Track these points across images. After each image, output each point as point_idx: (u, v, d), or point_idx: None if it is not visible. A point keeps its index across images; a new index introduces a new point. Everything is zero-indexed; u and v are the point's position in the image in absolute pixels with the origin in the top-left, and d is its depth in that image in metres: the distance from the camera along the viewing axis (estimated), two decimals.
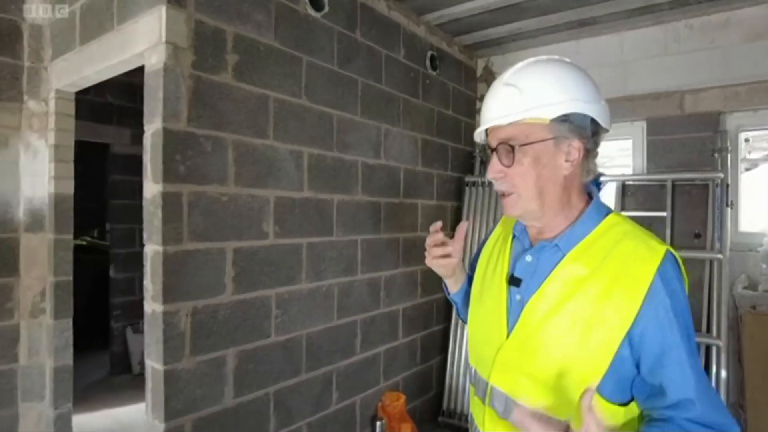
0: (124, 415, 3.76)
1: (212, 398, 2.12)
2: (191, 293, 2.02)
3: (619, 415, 0.91)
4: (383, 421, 2.90)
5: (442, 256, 1.19)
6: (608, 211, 1.01)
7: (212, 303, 2.09)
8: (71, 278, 2.74)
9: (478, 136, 1.06)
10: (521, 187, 0.97)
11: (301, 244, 2.55)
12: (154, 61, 1.97)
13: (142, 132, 2.02)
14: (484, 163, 3.99)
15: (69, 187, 2.74)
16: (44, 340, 2.71)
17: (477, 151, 4.06)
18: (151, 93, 1.98)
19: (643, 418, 0.91)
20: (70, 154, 2.75)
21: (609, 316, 0.88)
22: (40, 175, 2.71)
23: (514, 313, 1.00)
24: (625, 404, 0.91)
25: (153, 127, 1.96)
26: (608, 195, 3.39)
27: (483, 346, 1.06)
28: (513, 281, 1.02)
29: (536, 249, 1.01)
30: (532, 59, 1.00)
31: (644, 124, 3.42)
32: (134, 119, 4.22)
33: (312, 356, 2.61)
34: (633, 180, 3.39)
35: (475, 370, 1.10)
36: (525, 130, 0.94)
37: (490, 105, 0.99)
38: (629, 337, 0.87)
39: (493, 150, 0.99)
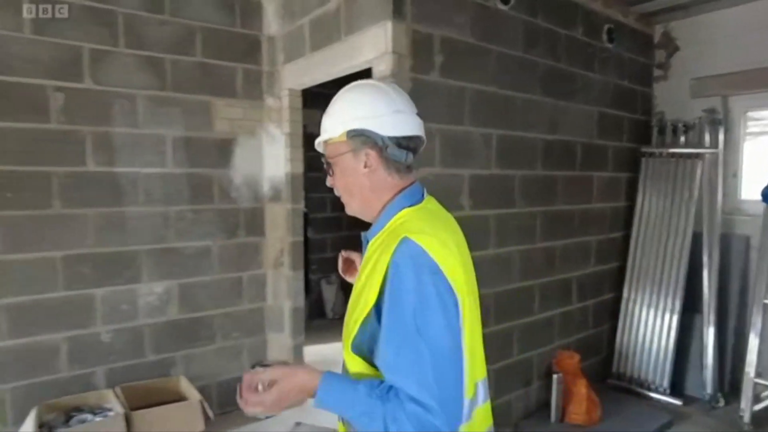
0: (327, 351, 4.58)
1: None
2: None
3: (365, 367, 1.08)
4: (559, 375, 3.21)
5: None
6: (406, 205, 1.13)
7: None
8: (302, 239, 3.47)
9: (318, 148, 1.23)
10: (342, 192, 1.19)
11: (489, 215, 2.92)
12: (382, 68, 2.44)
13: None
14: (662, 133, 3.94)
15: (299, 167, 3.43)
16: (283, 286, 3.48)
17: (653, 120, 4.01)
18: None
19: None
20: (300, 140, 3.43)
21: (365, 297, 1.05)
22: (277, 157, 3.44)
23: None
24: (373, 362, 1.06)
25: None
26: None
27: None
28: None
29: (365, 240, 1.21)
30: (344, 87, 1.20)
31: None
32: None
33: (498, 312, 3.01)
34: None
35: None
36: (333, 148, 1.16)
37: (321, 126, 1.19)
38: (376, 312, 1.03)
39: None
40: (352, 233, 6.04)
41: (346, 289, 5.63)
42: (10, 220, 2.65)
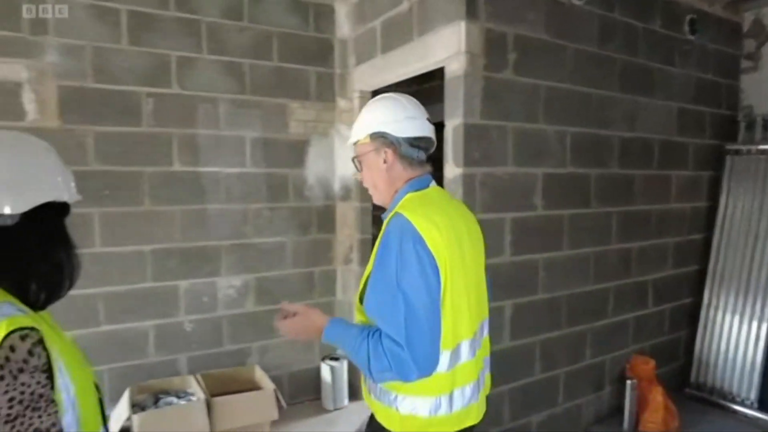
0: None
1: (495, 339, 2.61)
2: None
3: (367, 319, 1.33)
4: (633, 381, 3.10)
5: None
6: (410, 191, 1.38)
7: (496, 262, 2.57)
8: (371, 236, 3.54)
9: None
10: (367, 183, 1.45)
11: (563, 215, 2.87)
12: (455, 67, 2.46)
13: None
14: (750, 129, 3.70)
15: None
16: (352, 282, 3.57)
17: (740, 115, 3.78)
18: (452, 94, 2.48)
19: None
20: None
21: (371, 262, 1.32)
22: (348, 158, 3.52)
23: None
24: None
25: (455, 122, 2.46)
26: None
27: None
28: None
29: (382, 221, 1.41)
30: (370, 100, 1.48)
31: None
32: None
33: (571, 314, 2.95)
34: None
35: None
36: (360, 148, 1.43)
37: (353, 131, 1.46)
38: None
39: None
40: None
41: None
42: (108, 216, 2.89)
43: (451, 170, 2.49)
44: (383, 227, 1.33)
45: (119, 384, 2.94)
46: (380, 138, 1.38)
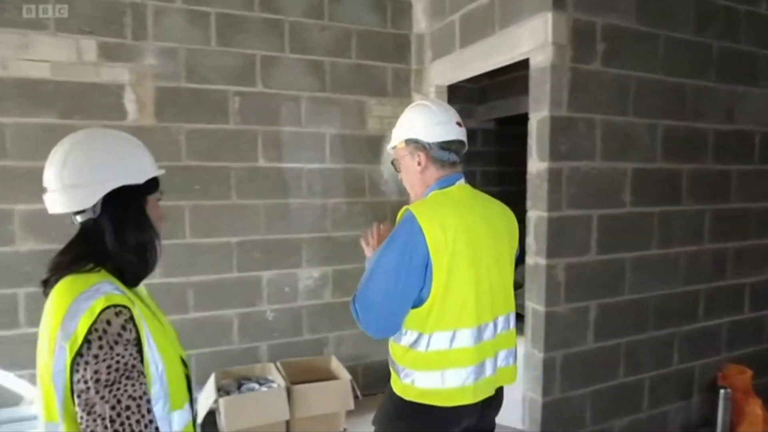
0: None
1: (578, 339, 2.54)
2: (565, 251, 2.45)
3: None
4: (727, 390, 2.90)
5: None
6: (434, 189, 1.53)
7: (581, 261, 2.49)
8: None
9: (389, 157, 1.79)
10: (405, 184, 1.63)
11: (653, 212, 2.72)
12: (540, 59, 2.39)
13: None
14: None
15: None
16: None
17: None
18: (537, 86, 2.42)
19: None
20: None
21: None
22: None
23: None
24: None
25: (539, 115, 2.40)
26: None
27: None
28: None
29: None
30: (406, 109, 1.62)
31: None
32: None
33: (658, 317, 2.80)
34: None
35: None
36: (398, 152, 1.60)
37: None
38: None
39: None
40: None
41: None
42: (198, 209, 3.06)
43: (535, 165, 2.44)
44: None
45: (205, 368, 3.11)
46: (413, 143, 1.53)
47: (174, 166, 2.98)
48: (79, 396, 0.89)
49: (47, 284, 1.04)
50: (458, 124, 1.55)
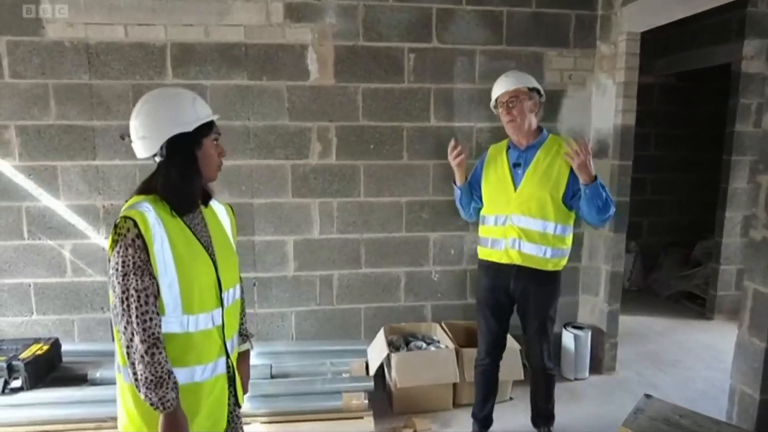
0: (632, 323, 4.23)
1: None
2: None
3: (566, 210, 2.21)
4: None
5: (458, 156, 2.30)
6: (549, 133, 2.30)
7: None
8: (628, 199, 3.18)
9: (496, 93, 2.28)
10: (519, 119, 2.19)
11: None
12: None
13: None
14: None
15: (631, 119, 3.11)
16: (601, 248, 3.29)
17: None
18: None
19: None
20: (635, 89, 3.09)
21: (556, 169, 2.17)
22: (606, 110, 3.18)
23: (518, 178, 2.23)
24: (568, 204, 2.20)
25: None
26: None
27: (499, 198, 2.29)
28: (515, 165, 2.26)
29: (525, 149, 2.25)
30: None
31: None
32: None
33: None
34: None
35: (496, 215, 2.30)
36: (521, 92, 2.19)
37: (507, 81, 2.24)
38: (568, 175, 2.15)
39: (505, 102, 2.22)
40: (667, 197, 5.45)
41: (645, 258, 5.07)
42: (371, 168, 3.10)
43: None
44: (544, 150, 2.23)
45: (372, 322, 3.23)
46: (535, 91, 2.25)
47: (351, 126, 3.04)
48: (110, 277, 1.21)
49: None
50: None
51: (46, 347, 2.74)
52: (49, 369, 2.75)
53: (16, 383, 2.57)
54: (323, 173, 3.08)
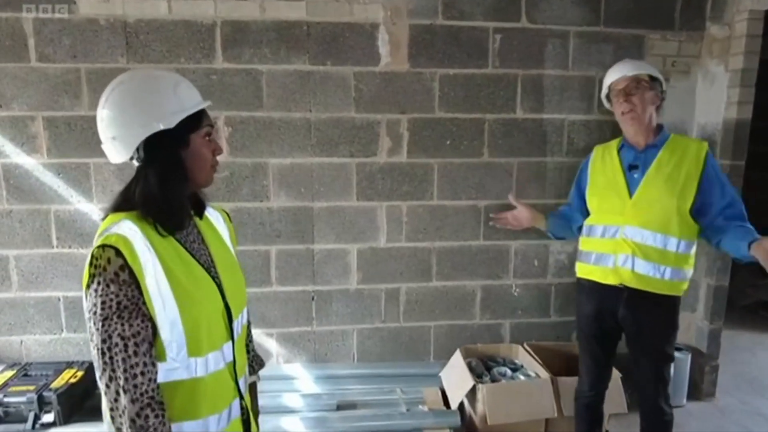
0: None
1: None
2: None
3: (692, 223, 1.86)
4: None
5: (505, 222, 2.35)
6: (670, 132, 1.95)
7: None
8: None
9: (612, 78, 1.94)
10: (640, 110, 1.86)
11: None
12: None
13: None
14: None
15: (747, 112, 2.70)
16: (702, 258, 2.89)
17: None
18: None
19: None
20: (754, 78, 2.67)
21: (684, 174, 1.81)
22: (715, 101, 2.76)
23: (634, 183, 1.88)
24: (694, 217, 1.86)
25: None
26: None
27: (611, 206, 1.93)
28: (631, 168, 1.91)
29: (644, 149, 1.90)
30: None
31: None
32: None
33: None
34: None
35: (605, 225, 1.94)
36: (642, 79, 1.87)
37: (625, 66, 1.91)
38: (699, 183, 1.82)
39: (621, 90, 1.88)
40: None
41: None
42: (447, 167, 2.70)
43: None
44: (667, 151, 1.87)
45: (442, 341, 2.85)
46: (658, 83, 1.92)
47: (425, 118, 2.65)
48: (87, 321, 0.93)
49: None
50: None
51: (80, 373, 2.39)
52: (83, 397, 2.39)
53: (48, 417, 2.22)
54: (392, 173, 2.68)
